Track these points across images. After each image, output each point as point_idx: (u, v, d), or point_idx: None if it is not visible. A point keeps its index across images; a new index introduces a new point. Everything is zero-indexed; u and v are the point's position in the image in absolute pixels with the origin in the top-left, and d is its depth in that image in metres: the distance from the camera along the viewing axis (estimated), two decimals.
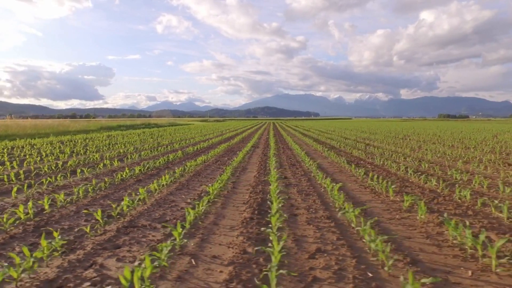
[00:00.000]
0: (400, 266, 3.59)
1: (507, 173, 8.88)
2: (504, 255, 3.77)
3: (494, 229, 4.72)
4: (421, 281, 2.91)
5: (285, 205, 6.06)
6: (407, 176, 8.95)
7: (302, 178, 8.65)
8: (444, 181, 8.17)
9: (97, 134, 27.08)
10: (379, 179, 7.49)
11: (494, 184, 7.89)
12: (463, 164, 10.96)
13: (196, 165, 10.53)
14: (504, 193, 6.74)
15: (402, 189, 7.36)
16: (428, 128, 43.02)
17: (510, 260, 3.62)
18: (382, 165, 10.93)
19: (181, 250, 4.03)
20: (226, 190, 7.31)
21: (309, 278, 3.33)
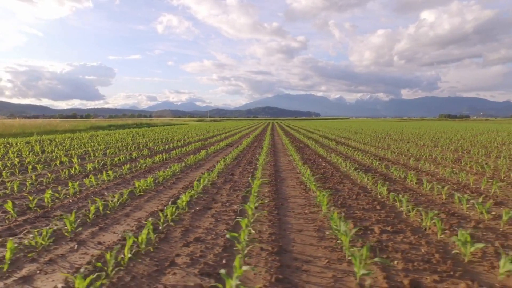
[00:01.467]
0: (263, 255, 3.83)
1: (445, 170, 9.11)
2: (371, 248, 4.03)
3: (382, 222, 4.96)
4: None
5: (206, 200, 6.33)
6: (349, 172, 9.20)
7: (247, 175, 8.91)
8: (382, 177, 8.44)
9: (81, 134, 27.35)
10: (310, 176, 7.72)
11: (420, 179, 8.14)
12: (414, 162, 11.19)
13: (151, 162, 10.78)
14: (425, 189, 6.97)
15: (335, 185, 7.62)
16: (418, 128, 43.19)
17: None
18: (335, 162, 11.18)
19: (56, 240, 4.30)
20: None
21: (169, 261, 3.60)
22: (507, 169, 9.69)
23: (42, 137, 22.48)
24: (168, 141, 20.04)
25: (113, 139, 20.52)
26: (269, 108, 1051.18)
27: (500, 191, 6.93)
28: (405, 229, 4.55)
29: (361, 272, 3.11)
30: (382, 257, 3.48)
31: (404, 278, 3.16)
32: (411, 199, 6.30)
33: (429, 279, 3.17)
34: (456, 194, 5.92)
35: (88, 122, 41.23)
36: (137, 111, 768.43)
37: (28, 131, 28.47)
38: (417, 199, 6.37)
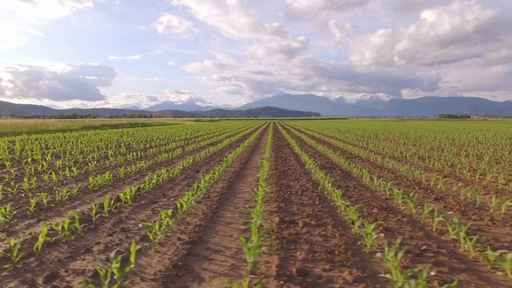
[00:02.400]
0: (178, 244, 4.02)
1: (404, 167, 9.26)
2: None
3: (311, 216, 5.13)
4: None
5: (156, 194, 6.52)
6: (310, 169, 9.37)
7: (208, 170, 9.09)
8: (341, 174, 8.62)
9: (72, 133, 27.56)
10: (265, 173, 7.89)
11: (380, 176, 8.31)
12: (382, 159, 11.35)
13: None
14: (375, 185, 7.13)
15: (290, 181, 7.79)
16: (411, 128, 43.30)
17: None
18: (303, 160, 11.36)
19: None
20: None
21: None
22: (467, 166, 9.85)
23: (30, 136, 22.67)
24: (153, 140, 20.22)
25: (98, 138, 20.71)
26: (270, 108, 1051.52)
27: (445, 187, 7.08)
28: (328, 223, 4.71)
29: (251, 260, 3.28)
30: (269, 247, 3.65)
31: (295, 267, 3.32)
32: (357, 195, 6.47)
33: (320, 268, 3.33)
34: (395, 189, 6.10)
35: (82, 122, 41.47)
36: (137, 111, 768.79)
37: (19, 130, 28.68)
38: (363, 194, 6.53)
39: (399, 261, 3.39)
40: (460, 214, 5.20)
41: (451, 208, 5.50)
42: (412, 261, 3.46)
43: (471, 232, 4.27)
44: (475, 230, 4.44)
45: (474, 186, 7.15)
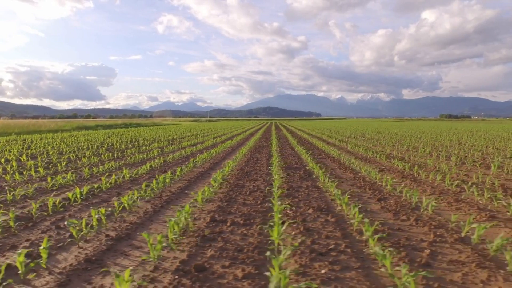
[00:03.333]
0: (103, 238, 4.24)
1: (364, 167, 9.47)
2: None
3: (245, 215, 5.36)
4: None
5: (111, 194, 6.74)
6: (269, 168, 9.59)
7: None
8: (299, 172, 8.85)
9: (62, 134, 27.82)
10: (220, 174, 8.12)
11: (341, 177, 8.53)
12: (349, 158, 11.56)
13: None
14: (321, 182, 7.35)
15: (240, 181, 8.01)
16: (403, 128, 43.49)
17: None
18: (272, 160, 11.58)
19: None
20: None
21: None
22: (431, 167, 10.06)
23: (18, 137, 22.92)
24: (138, 141, 20.44)
25: (85, 139, 20.95)
26: (270, 108, 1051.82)
27: (393, 188, 7.29)
28: (255, 223, 4.91)
29: (155, 255, 3.51)
30: (173, 243, 3.88)
31: (195, 262, 3.54)
32: (304, 195, 6.67)
33: (219, 265, 3.53)
34: (336, 190, 6.31)
35: (75, 122, 41.77)
36: (138, 111, 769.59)
37: (10, 131, 28.96)
38: (310, 195, 6.71)
39: (295, 259, 3.62)
40: (392, 214, 5.40)
41: (388, 209, 5.70)
42: (312, 260, 3.64)
43: (382, 230, 4.49)
44: (395, 230, 4.64)
45: (423, 187, 7.36)
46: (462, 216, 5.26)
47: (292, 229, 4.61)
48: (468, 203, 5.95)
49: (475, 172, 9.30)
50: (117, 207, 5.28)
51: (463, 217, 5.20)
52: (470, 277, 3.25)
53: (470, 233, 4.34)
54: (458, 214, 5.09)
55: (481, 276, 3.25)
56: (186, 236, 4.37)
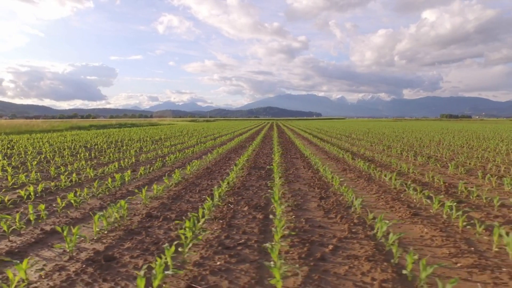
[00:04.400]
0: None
1: (328, 163, 9.76)
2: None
3: (192, 210, 5.64)
4: None
5: (67, 191, 7.03)
6: (231, 166, 9.88)
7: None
8: (262, 172, 9.11)
9: (52, 134, 28.13)
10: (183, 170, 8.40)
11: (300, 176, 8.80)
12: (322, 155, 11.83)
13: None
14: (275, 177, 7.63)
15: (196, 179, 8.29)
16: (395, 128, 43.73)
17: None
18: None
19: None
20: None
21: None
22: (390, 166, 10.32)
23: (6, 137, 23.22)
24: (124, 141, 20.73)
25: (71, 139, 21.25)
26: (271, 108, 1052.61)
27: (340, 185, 7.55)
28: (187, 218, 5.18)
29: (71, 246, 3.79)
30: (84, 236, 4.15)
31: (107, 253, 3.82)
32: (250, 194, 6.95)
33: (129, 255, 3.80)
34: (275, 188, 6.58)
35: (69, 123, 42.12)
36: (138, 111, 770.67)
37: (0, 131, 29.29)
38: (257, 193, 7.01)
39: (200, 252, 3.89)
40: (323, 212, 5.62)
41: (323, 207, 5.91)
42: (215, 253, 3.88)
43: (300, 227, 4.77)
44: (315, 227, 4.86)
45: (372, 186, 7.62)
46: (389, 214, 5.53)
47: (218, 225, 4.88)
48: (403, 201, 6.22)
49: (433, 171, 9.57)
50: (60, 204, 5.56)
51: (389, 215, 5.47)
52: (354, 269, 3.50)
53: (386, 230, 4.61)
54: (384, 213, 5.36)
55: (364, 268, 3.51)
56: (117, 230, 4.65)
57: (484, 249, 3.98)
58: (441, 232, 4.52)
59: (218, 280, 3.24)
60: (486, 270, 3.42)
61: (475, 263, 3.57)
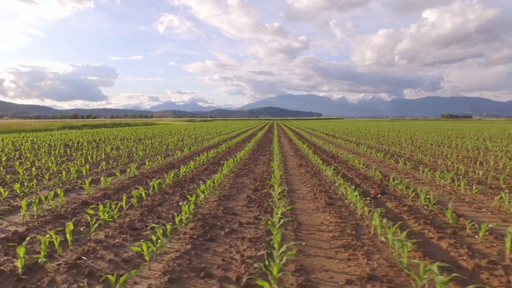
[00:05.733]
0: None
1: (288, 158, 10.21)
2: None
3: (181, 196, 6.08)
4: None
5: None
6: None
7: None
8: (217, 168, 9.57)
9: (41, 133, 28.63)
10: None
11: (253, 171, 9.25)
12: (290, 152, 12.28)
13: None
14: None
15: (153, 173, 8.75)
16: (387, 128, 44.12)
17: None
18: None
19: None
20: None
21: None
22: (357, 164, 10.75)
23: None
24: (106, 139, 21.21)
25: (55, 138, 21.72)
26: (271, 108, 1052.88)
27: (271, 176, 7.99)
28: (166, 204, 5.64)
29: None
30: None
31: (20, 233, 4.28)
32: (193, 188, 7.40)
33: (42, 235, 4.27)
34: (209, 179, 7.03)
35: (62, 122, 42.66)
36: (139, 112, 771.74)
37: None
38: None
39: (108, 232, 4.35)
40: (247, 202, 6.04)
41: (250, 198, 6.29)
42: (120, 233, 4.34)
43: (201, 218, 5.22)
44: (229, 214, 5.33)
45: (312, 179, 8.06)
46: (309, 203, 5.98)
47: (141, 210, 5.32)
48: (330, 193, 6.64)
49: (387, 166, 10.05)
50: (3, 194, 6.01)
51: (308, 204, 5.91)
52: (233, 248, 3.95)
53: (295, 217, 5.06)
54: (305, 203, 5.81)
55: (242, 247, 3.96)
56: (47, 216, 5.09)
57: (364, 233, 4.41)
58: (340, 219, 4.94)
59: (106, 254, 3.69)
60: (349, 249, 3.85)
61: (345, 244, 4.00)
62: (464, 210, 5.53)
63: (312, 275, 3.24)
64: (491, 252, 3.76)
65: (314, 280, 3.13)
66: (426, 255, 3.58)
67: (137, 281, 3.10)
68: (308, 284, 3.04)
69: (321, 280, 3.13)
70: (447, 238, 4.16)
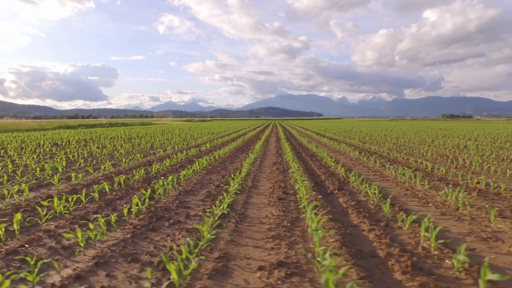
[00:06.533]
0: None
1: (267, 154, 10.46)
2: None
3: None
4: None
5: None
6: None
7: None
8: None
9: (31, 133, 28.92)
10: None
11: (216, 166, 9.52)
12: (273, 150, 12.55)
13: None
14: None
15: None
16: (378, 127, 44.34)
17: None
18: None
19: None
20: None
21: None
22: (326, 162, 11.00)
23: None
24: (95, 139, 21.50)
25: (46, 137, 22.02)
26: (272, 108, 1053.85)
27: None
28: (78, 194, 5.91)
29: None
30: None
31: None
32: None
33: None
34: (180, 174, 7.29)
35: (57, 122, 42.98)
36: (139, 112, 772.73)
37: None
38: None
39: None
40: (205, 196, 6.33)
41: (210, 193, 6.56)
42: (71, 224, 4.65)
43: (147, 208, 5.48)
44: (182, 208, 5.60)
45: (279, 175, 8.32)
46: (263, 199, 6.24)
47: (100, 204, 5.59)
48: (285, 188, 6.90)
49: (360, 164, 10.31)
50: None
51: (262, 199, 6.17)
52: (169, 237, 4.21)
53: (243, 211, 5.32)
54: (261, 198, 6.06)
55: (178, 236, 4.22)
56: (11, 208, 5.36)
57: (299, 225, 4.66)
58: (283, 213, 5.19)
59: (49, 242, 3.96)
60: (277, 239, 4.09)
61: (275, 235, 4.23)
62: (412, 205, 5.78)
63: (232, 262, 3.49)
64: (410, 242, 4.01)
65: (231, 266, 3.38)
66: (345, 245, 3.83)
67: (68, 265, 3.36)
68: (223, 270, 3.30)
69: (238, 266, 3.39)
70: (377, 230, 4.41)
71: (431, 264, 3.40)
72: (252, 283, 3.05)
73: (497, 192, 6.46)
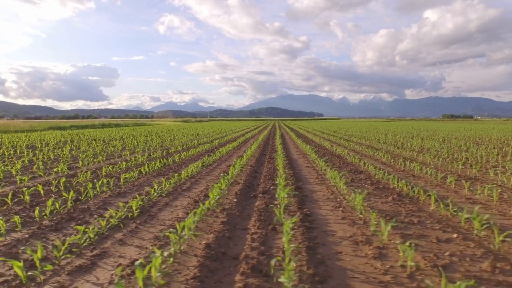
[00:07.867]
0: None
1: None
2: None
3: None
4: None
5: None
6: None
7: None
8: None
9: (19, 134, 29.29)
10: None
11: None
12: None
13: None
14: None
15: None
16: (372, 127, 44.57)
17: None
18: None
19: None
20: None
21: None
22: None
23: None
24: (78, 140, 21.82)
25: (27, 139, 22.35)
26: (273, 108, 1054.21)
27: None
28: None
29: None
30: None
31: None
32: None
33: None
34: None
35: (48, 123, 43.34)
36: (140, 112, 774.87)
37: None
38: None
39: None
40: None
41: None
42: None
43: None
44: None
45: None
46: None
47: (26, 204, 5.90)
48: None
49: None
50: None
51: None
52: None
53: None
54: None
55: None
56: None
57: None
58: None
59: None
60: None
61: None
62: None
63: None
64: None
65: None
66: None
67: None
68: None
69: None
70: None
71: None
72: None
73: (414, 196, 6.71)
